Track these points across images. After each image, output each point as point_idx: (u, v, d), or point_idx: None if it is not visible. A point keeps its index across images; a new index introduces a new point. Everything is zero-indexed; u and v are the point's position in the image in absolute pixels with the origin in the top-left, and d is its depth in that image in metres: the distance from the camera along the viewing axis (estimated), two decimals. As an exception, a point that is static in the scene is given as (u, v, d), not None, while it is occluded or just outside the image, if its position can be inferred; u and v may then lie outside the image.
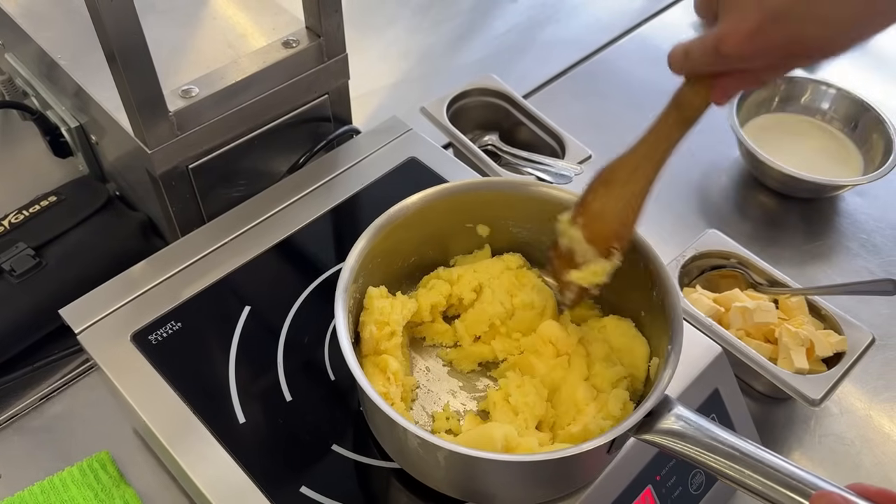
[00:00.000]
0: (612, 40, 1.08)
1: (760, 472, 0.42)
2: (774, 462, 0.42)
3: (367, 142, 0.73)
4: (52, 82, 0.75)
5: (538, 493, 0.51)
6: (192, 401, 0.55)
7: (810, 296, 0.70)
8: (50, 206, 0.73)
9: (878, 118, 0.86)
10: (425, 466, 0.50)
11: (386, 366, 0.53)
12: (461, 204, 0.58)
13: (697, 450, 0.44)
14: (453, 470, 0.49)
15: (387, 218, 0.55)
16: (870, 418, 0.70)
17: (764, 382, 0.68)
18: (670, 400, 0.47)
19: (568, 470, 0.50)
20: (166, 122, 0.62)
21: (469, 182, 0.59)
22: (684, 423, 0.46)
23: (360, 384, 0.46)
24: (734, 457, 0.43)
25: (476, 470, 0.48)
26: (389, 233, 0.55)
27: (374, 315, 0.54)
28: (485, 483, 0.50)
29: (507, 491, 0.51)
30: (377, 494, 0.52)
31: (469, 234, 0.61)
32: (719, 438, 0.44)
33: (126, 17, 0.54)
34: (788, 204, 0.87)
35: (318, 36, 0.68)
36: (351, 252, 0.53)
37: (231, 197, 0.71)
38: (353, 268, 0.52)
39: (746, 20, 0.38)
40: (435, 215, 0.57)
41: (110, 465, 0.62)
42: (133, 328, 0.58)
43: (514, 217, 0.60)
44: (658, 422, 0.46)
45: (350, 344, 0.49)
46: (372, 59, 1.04)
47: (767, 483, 0.42)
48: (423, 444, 0.46)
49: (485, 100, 0.88)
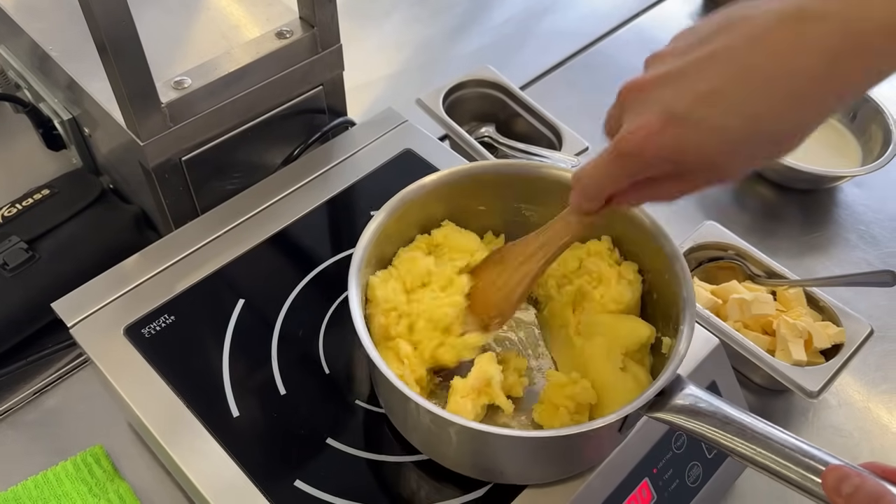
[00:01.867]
0: (610, 31, 1.07)
1: (773, 449, 0.42)
2: (786, 440, 0.42)
3: (362, 133, 0.73)
4: (45, 74, 0.74)
5: (549, 470, 0.51)
6: (186, 394, 0.54)
7: (808, 287, 0.70)
8: (43, 200, 0.72)
9: (877, 108, 0.85)
10: (438, 443, 0.50)
11: (398, 350, 0.52)
12: (475, 186, 0.58)
13: (709, 427, 0.44)
14: (464, 446, 0.49)
15: (401, 197, 0.55)
16: (868, 410, 0.70)
17: (762, 374, 0.67)
18: (682, 379, 0.47)
19: (579, 448, 0.50)
20: (159, 113, 0.61)
21: (487, 163, 0.58)
22: (696, 402, 0.46)
23: (371, 358, 0.46)
24: (746, 434, 0.43)
25: (487, 446, 0.48)
26: (403, 213, 0.55)
27: (380, 305, 0.53)
28: (496, 459, 0.50)
29: (517, 468, 0.50)
30: (372, 488, 0.51)
31: (480, 216, 0.60)
32: (731, 416, 0.44)
33: (117, 8, 0.54)
34: (787, 195, 0.86)
35: (311, 26, 0.68)
36: (364, 231, 0.53)
37: (225, 189, 0.71)
38: (366, 246, 0.52)
39: (648, 119, 0.38)
40: (449, 196, 0.57)
41: (104, 459, 0.62)
42: (126, 321, 0.58)
43: (526, 200, 0.59)
44: (670, 400, 0.46)
45: (364, 324, 0.49)
46: (368, 49, 1.04)
47: (779, 460, 0.41)
48: (434, 419, 0.46)
49: (481, 91, 0.87)
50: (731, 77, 0.36)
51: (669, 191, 0.42)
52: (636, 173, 0.41)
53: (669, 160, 0.39)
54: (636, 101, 0.39)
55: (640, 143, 0.38)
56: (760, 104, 0.35)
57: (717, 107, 0.36)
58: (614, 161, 0.41)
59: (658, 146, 0.38)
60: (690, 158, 0.38)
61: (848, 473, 0.38)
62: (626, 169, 0.41)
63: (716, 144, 0.37)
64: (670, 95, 0.37)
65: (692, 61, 0.37)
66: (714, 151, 0.37)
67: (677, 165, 0.39)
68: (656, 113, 0.38)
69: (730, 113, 0.36)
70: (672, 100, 0.37)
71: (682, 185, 0.41)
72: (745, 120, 0.36)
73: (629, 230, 0.56)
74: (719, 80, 0.36)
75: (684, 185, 0.41)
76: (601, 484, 0.53)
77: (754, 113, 0.36)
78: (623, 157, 0.40)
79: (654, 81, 0.39)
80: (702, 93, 0.36)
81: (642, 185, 0.42)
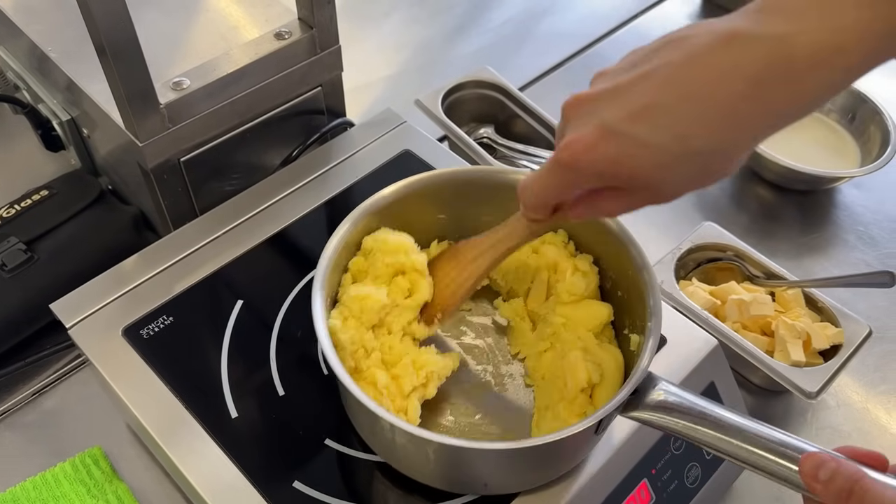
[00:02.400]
0: (609, 32, 1.07)
1: (749, 440, 0.42)
2: (762, 430, 0.42)
3: (360, 134, 0.73)
4: (44, 75, 0.75)
5: (530, 477, 0.50)
6: (184, 395, 0.54)
7: (807, 288, 0.70)
8: (42, 201, 0.72)
9: (876, 110, 0.85)
10: (411, 461, 0.50)
11: (374, 381, 0.51)
12: (434, 194, 0.58)
13: (684, 423, 0.44)
14: (439, 462, 0.48)
15: (362, 210, 0.55)
16: (867, 411, 0.70)
17: (760, 375, 0.67)
18: (654, 376, 0.47)
19: (558, 453, 0.50)
20: (157, 114, 0.61)
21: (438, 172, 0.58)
22: (670, 398, 0.46)
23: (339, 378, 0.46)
24: (721, 427, 0.43)
25: (461, 459, 0.48)
26: (365, 225, 0.55)
27: (348, 348, 0.51)
28: (472, 472, 0.49)
29: (496, 478, 0.50)
30: (371, 489, 0.51)
31: (440, 225, 0.60)
32: (706, 411, 0.44)
33: (116, 10, 0.54)
34: (785, 196, 0.87)
35: (310, 27, 0.68)
36: (328, 244, 0.52)
37: (224, 190, 0.71)
38: (328, 261, 0.52)
39: (585, 132, 0.38)
40: (409, 206, 0.57)
41: (103, 460, 0.62)
42: (124, 322, 0.58)
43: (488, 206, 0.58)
44: (644, 398, 0.46)
45: (330, 343, 0.48)
46: (367, 51, 1.04)
47: (756, 451, 0.41)
48: (411, 438, 0.45)
49: (480, 92, 0.87)
50: (663, 94, 0.36)
51: (610, 206, 0.42)
52: (575, 185, 0.42)
53: (604, 174, 0.39)
54: (577, 115, 0.39)
55: (576, 154, 0.38)
56: (690, 123, 0.36)
57: (648, 123, 0.36)
58: (554, 172, 0.41)
59: (592, 159, 0.38)
60: (624, 174, 0.38)
61: (824, 459, 0.38)
62: (564, 181, 0.41)
63: (647, 161, 0.37)
64: (606, 110, 0.38)
65: (631, 78, 0.38)
66: (646, 169, 0.37)
67: (612, 180, 0.39)
68: (592, 126, 0.38)
69: (660, 129, 0.36)
70: (608, 114, 0.37)
71: (622, 201, 0.41)
72: (675, 138, 0.36)
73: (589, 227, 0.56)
74: (652, 97, 0.36)
75: (624, 202, 0.41)
76: (599, 485, 0.53)
77: (684, 131, 0.36)
78: (561, 168, 0.40)
79: (594, 96, 0.39)
80: (635, 108, 0.37)
81: (585, 199, 0.43)
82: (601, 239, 0.55)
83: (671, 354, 0.58)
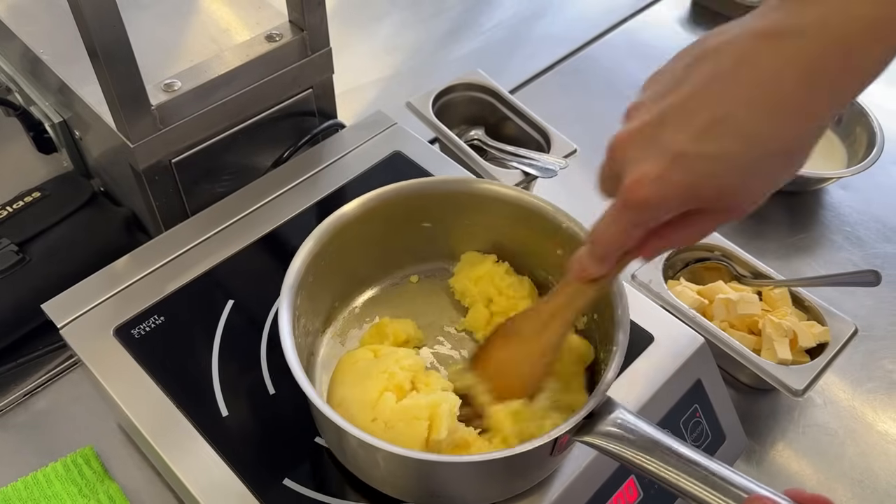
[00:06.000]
0: (599, 35, 1.08)
1: (695, 475, 0.42)
2: (711, 466, 0.42)
3: (351, 136, 0.73)
4: (36, 78, 0.75)
5: (492, 491, 0.50)
6: (175, 395, 0.55)
7: (794, 287, 0.71)
8: (34, 202, 0.72)
9: (862, 111, 0.86)
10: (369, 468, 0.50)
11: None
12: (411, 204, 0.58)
13: (634, 452, 0.44)
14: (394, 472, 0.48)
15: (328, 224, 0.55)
16: (853, 409, 0.70)
17: (747, 373, 0.68)
18: (612, 402, 0.47)
19: (512, 470, 0.49)
20: (149, 115, 0.61)
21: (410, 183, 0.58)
22: (624, 426, 0.45)
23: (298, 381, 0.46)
24: (670, 461, 0.43)
25: (410, 469, 0.48)
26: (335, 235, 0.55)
27: None
28: (423, 483, 0.49)
29: (450, 491, 0.50)
30: (361, 487, 0.52)
31: (425, 234, 0.60)
32: (659, 442, 0.44)
33: (107, 12, 0.54)
34: (773, 197, 0.84)
35: (301, 30, 0.68)
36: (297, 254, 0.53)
37: (215, 191, 0.71)
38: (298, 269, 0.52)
39: (650, 165, 0.37)
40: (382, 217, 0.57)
41: (94, 460, 0.62)
42: (116, 322, 0.58)
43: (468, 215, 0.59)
44: (599, 424, 0.46)
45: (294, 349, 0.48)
46: (359, 54, 1.04)
47: (703, 487, 0.41)
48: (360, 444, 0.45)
49: (471, 94, 0.88)
50: (725, 105, 0.35)
51: (683, 234, 0.41)
52: (648, 223, 0.40)
53: (682, 200, 0.38)
54: (632, 151, 0.38)
55: (648, 191, 0.37)
56: (760, 125, 0.35)
57: (717, 136, 0.36)
58: (625, 216, 0.40)
59: (666, 191, 0.37)
60: (704, 194, 0.37)
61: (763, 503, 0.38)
62: (639, 221, 0.39)
63: (725, 174, 0.36)
64: (668, 136, 0.36)
65: (681, 99, 0.37)
66: (725, 182, 0.36)
67: (693, 204, 0.38)
68: (658, 156, 0.37)
69: (731, 139, 0.35)
70: (671, 140, 0.36)
71: (696, 225, 0.40)
72: (748, 143, 0.35)
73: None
74: (714, 110, 0.36)
75: (699, 226, 0.40)
76: (587, 482, 0.53)
77: (755, 134, 0.35)
78: (633, 209, 0.39)
79: (645, 128, 0.38)
80: (699, 126, 0.36)
81: (655, 235, 0.41)
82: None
83: (658, 352, 0.58)
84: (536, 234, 0.57)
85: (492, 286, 0.59)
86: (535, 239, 0.57)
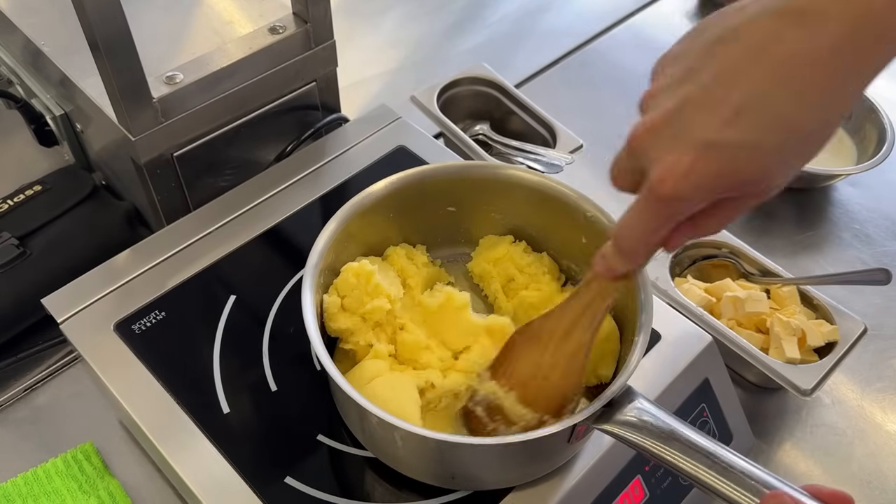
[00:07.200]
0: (605, 30, 1.07)
1: (715, 468, 0.41)
2: (731, 459, 0.41)
3: (355, 130, 0.72)
4: (37, 70, 0.74)
5: (510, 475, 0.50)
6: (176, 391, 0.54)
7: (802, 285, 0.70)
8: (35, 196, 0.72)
9: (872, 107, 0.85)
10: (388, 449, 0.50)
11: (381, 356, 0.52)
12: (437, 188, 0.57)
13: (653, 442, 0.43)
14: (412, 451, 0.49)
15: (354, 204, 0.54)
16: (862, 409, 0.70)
17: (755, 372, 0.67)
18: (632, 391, 0.46)
19: (529, 455, 0.49)
20: (150, 108, 0.61)
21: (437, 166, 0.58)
22: (644, 416, 0.45)
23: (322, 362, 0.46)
24: (690, 452, 0.42)
25: (429, 450, 0.47)
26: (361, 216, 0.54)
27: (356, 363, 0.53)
28: (441, 464, 0.49)
29: (467, 472, 0.50)
30: (362, 484, 0.51)
31: (447, 218, 0.60)
32: (677, 433, 0.43)
33: (109, 4, 0.53)
34: (781, 194, 0.84)
35: (305, 22, 0.67)
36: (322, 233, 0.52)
37: (217, 186, 0.70)
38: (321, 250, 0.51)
39: (678, 156, 0.36)
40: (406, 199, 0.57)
41: (95, 456, 0.62)
42: (116, 317, 0.58)
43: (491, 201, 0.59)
44: (618, 412, 0.45)
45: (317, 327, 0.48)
46: (364, 47, 1.04)
47: (722, 479, 0.41)
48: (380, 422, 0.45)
49: (476, 89, 0.87)
50: (753, 88, 0.34)
51: (714, 222, 0.40)
52: (678, 216, 0.39)
53: (713, 191, 0.37)
54: (655, 144, 0.37)
55: (677, 183, 0.36)
56: (787, 108, 0.34)
57: (746, 124, 0.35)
58: (655, 210, 0.39)
59: (695, 182, 0.36)
60: (735, 183, 0.36)
61: (786, 501, 0.38)
62: (669, 214, 0.38)
63: (756, 161, 0.35)
64: (694, 125, 0.35)
65: (703, 84, 0.35)
66: (754, 168, 0.36)
67: (724, 193, 0.37)
68: (685, 147, 0.35)
69: (761, 125, 0.35)
70: (698, 129, 0.35)
71: (726, 212, 0.39)
72: (778, 128, 0.34)
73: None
74: (741, 96, 0.34)
75: (728, 212, 0.39)
76: (593, 481, 0.53)
77: (784, 118, 0.34)
78: (663, 203, 0.38)
79: (666, 119, 0.36)
80: (727, 113, 0.35)
81: (684, 225, 0.40)
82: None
83: (666, 351, 0.58)
84: (560, 221, 0.56)
85: (511, 265, 0.58)
86: (558, 227, 0.57)
